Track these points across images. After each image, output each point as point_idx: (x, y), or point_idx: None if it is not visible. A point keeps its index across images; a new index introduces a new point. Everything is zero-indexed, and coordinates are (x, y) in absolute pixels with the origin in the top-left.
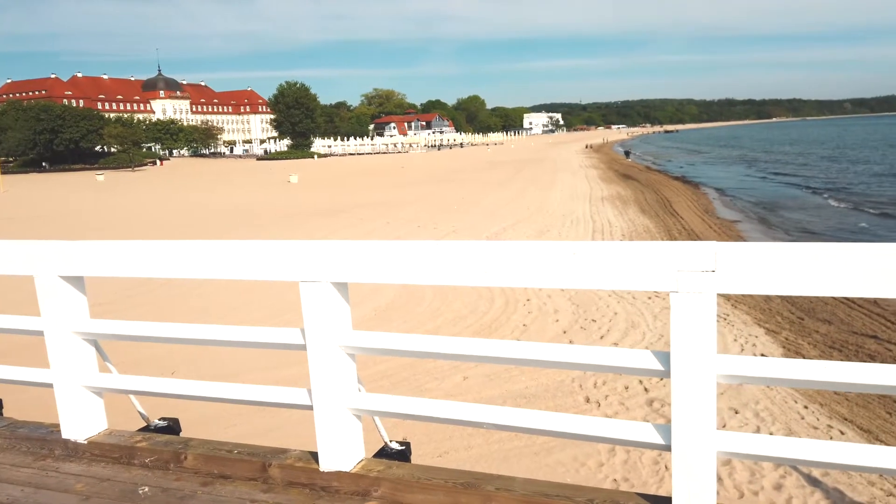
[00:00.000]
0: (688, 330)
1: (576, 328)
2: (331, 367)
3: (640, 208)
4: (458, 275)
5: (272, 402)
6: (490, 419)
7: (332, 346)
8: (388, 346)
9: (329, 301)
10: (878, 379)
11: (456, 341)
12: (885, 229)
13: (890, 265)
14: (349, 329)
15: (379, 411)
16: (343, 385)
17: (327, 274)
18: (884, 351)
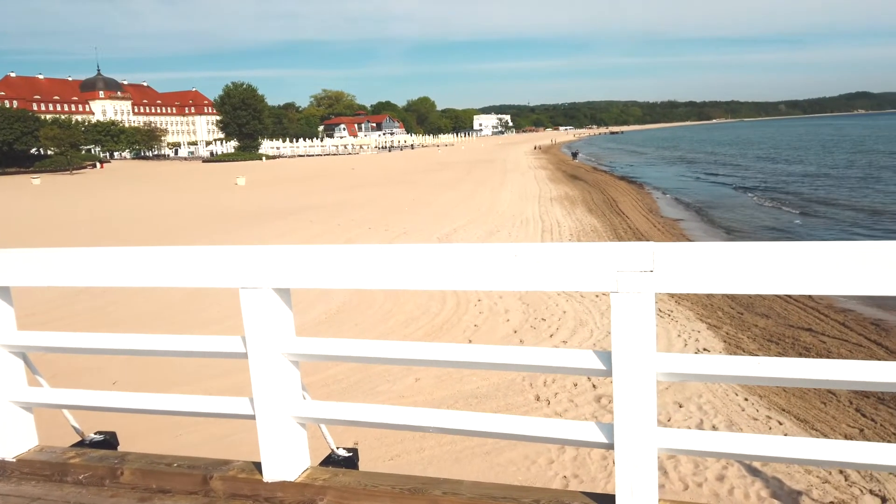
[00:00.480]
0: (628, 329)
1: (526, 327)
2: (273, 376)
3: (588, 208)
4: (401, 279)
5: (213, 413)
6: (436, 423)
7: (275, 354)
8: (331, 352)
9: (271, 308)
10: (809, 374)
11: (401, 346)
12: (815, 227)
13: (819, 263)
14: (292, 336)
15: (324, 419)
16: (286, 393)
17: (268, 280)
18: (818, 343)
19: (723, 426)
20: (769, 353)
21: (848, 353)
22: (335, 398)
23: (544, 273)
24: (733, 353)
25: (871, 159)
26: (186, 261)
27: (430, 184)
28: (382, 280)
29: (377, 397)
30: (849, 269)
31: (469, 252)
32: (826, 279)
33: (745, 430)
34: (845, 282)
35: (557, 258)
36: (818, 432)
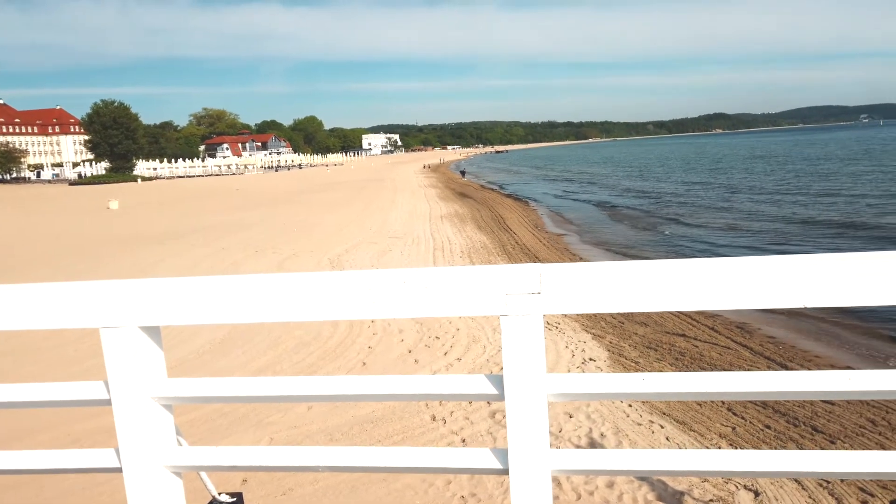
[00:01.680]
0: (518, 353)
1: (420, 347)
2: (142, 423)
3: (477, 225)
4: (283, 311)
5: (73, 468)
6: (326, 462)
7: (143, 399)
8: (207, 393)
9: (137, 348)
10: (688, 387)
11: (282, 382)
12: (681, 241)
13: (697, 279)
14: (163, 378)
15: (201, 465)
16: (158, 441)
17: (134, 317)
18: (691, 347)
19: (610, 433)
20: (649, 359)
21: (718, 355)
22: (220, 434)
23: (433, 299)
24: (617, 360)
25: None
26: (38, 300)
27: (319, 204)
28: (264, 313)
29: (267, 429)
30: (722, 285)
31: (356, 280)
32: (705, 295)
33: (631, 435)
34: (721, 297)
35: (446, 283)
36: (695, 432)
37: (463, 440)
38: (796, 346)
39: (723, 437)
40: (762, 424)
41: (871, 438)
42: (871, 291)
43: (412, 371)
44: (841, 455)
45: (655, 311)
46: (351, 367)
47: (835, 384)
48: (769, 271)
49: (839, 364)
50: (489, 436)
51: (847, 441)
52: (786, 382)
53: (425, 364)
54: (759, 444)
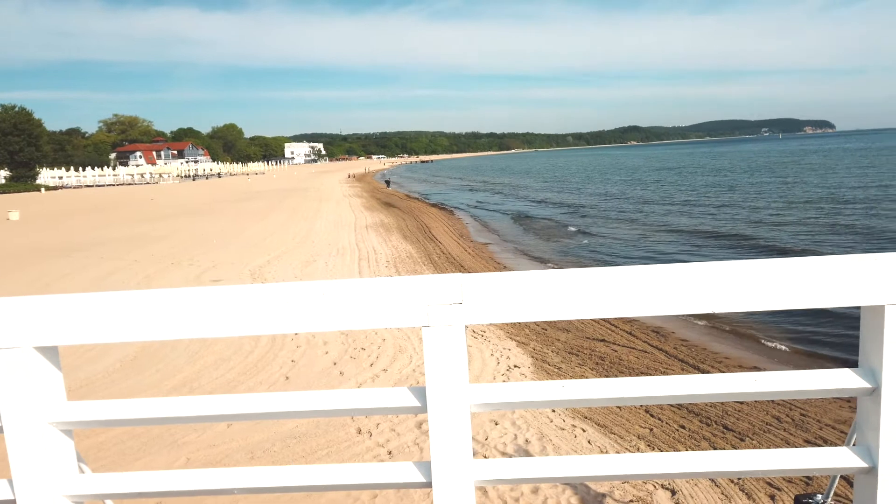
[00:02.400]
0: (441, 364)
1: (346, 358)
2: (38, 450)
3: (403, 235)
4: (197, 326)
5: None
6: (243, 484)
7: (39, 424)
8: (111, 416)
9: (32, 370)
10: (604, 393)
11: (196, 401)
12: (607, 249)
13: (616, 287)
14: (62, 401)
15: (105, 494)
16: (56, 469)
17: (28, 337)
18: (611, 352)
19: (535, 439)
20: (571, 365)
21: (636, 359)
22: (130, 458)
23: (355, 311)
24: (540, 366)
25: (642, 186)
26: None
27: (240, 214)
28: (174, 330)
29: (183, 450)
30: (637, 293)
31: (274, 293)
32: (622, 302)
33: (554, 440)
34: (637, 304)
35: (367, 294)
36: (616, 435)
37: (389, 452)
38: (707, 348)
39: (641, 439)
40: (677, 425)
41: (777, 435)
42: (774, 296)
43: (337, 384)
44: (750, 454)
45: (575, 318)
46: (273, 381)
47: (743, 386)
48: (681, 278)
49: (747, 365)
50: (416, 447)
51: (755, 438)
52: (698, 385)
53: (350, 376)
54: (675, 443)
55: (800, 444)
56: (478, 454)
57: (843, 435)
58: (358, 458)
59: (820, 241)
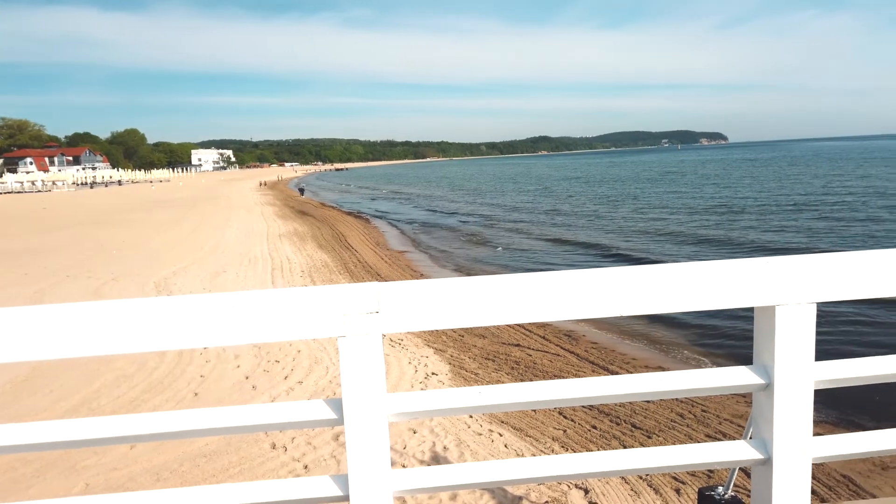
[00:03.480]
0: (357, 374)
1: (259, 372)
2: None
3: (318, 244)
4: (94, 343)
5: None
6: None
7: None
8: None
9: None
10: (519, 398)
11: (94, 423)
12: (520, 256)
13: (524, 293)
14: None
15: None
16: None
17: None
18: (525, 356)
19: (452, 445)
20: (487, 370)
21: (549, 362)
22: (23, 485)
23: (267, 323)
24: (458, 373)
25: (554, 194)
26: None
27: (143, 223)
28: (68, 348)
29: (82, 475)
30: (550, 298)
31: (180, 305)
32: (536, 308)
33: (472, 445)
34: (550, 310)
35: (280, 305)
36: (531, 437)
37: (305, 467)
38: (616, 350)
39: (555, 440)
40: (589, 425)
41: (681, 430)
42: (675, 299)
43: (250, 399)
44: (656, 452)
45: (491, 324)
46: (181, 398)
47: (649, 386)
48: (588, 283)
49: (652, 365)
50: (333, 459)
51: (661, 434)
52: (608, 387)
53: (264, 390)
54: (588, 443)
55: (702, 438)
56: (396, 464)
57: (740, 428)
58: (272, 475)
59: (717, 246)
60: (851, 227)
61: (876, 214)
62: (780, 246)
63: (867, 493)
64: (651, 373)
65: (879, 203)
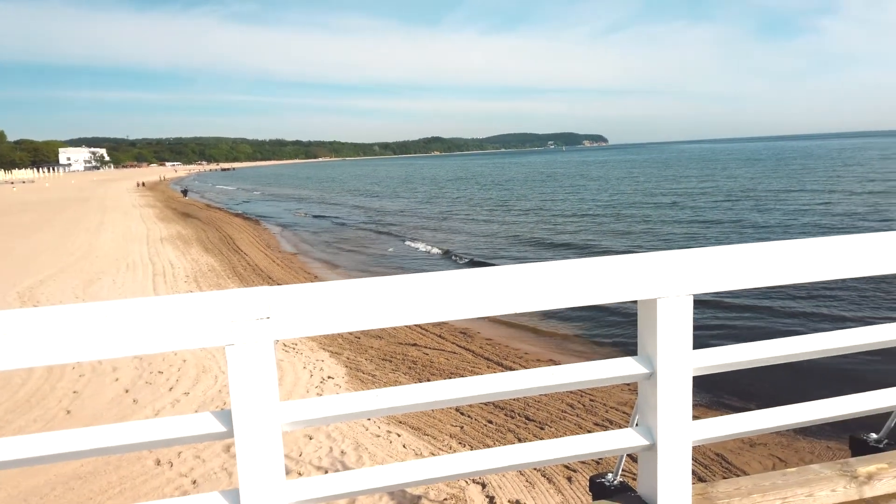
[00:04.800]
0: (248, 384)
1: (140, 384)
2: None
3: (204, 247)
4: None
5: None
6: None
7: None
8: None
9: None
10: (416, 398)
11: None
12: (414, 256)
13: (419, 294)
14: None
15: None
16: None
17: None
18: (422, 355)
19: (350, 449)
20: (385, 371)
21: (445, 360)
22: None
23: (147, 333)
24: (355, 375)
25: (445, 195)
26: None
27: (3, 227)
28: None
29: None
30: (445, 298)
31: (47, 317)
32: (431, 308)
33: (370, 448)
34: (445, 309)
35: (161, 314)
36: (429, 436)
37: (194, 482)
38: (510, 345)
39: (453, 437)
40: (485, 420)
41: (572, 420)
42: (562, 295)
43: (130, 414)
44: (549, 444)
45: (387, 326)
46: (51, 417)
47: (542, 380)
48: (479, 282)
49: (544, 359)
50: (224, 472)
51: (553, 425)
52: (502, 383)
53: (146, 404)
54: (485, 438)
55: (590, 426)
56: (291, 472)
57: (625, 415)
58: (157, 494)
59: (603, 242)
60: (723, 224)
61: (743, 211)
62: (660, 241)
63: (738, 469)
64: (543, 368)
65: (748, 202)
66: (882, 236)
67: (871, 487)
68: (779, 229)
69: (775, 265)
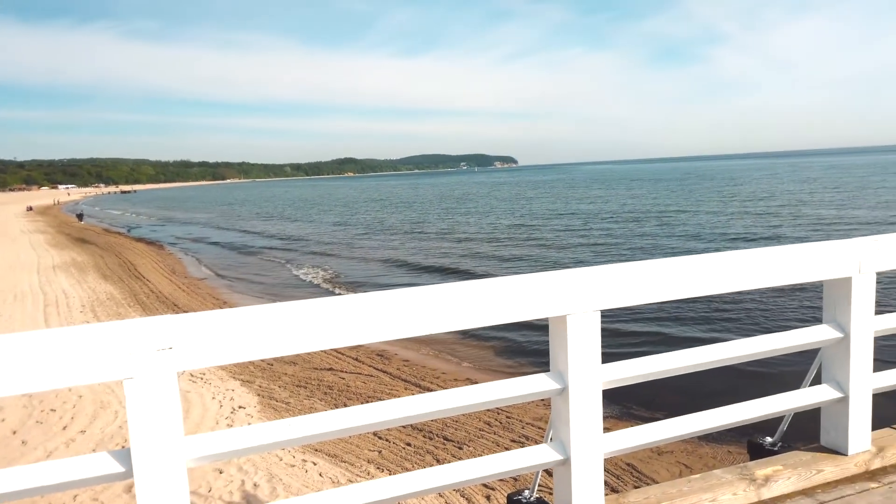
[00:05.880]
0: (149, 420)
1: (30, 424)
2: None
3: (102, 274)
4: None
5: None
6: None
7: None
8: None
9: None
10: (331, 426)
11: None
12: (325, 279)
13: (330, 317)
14: None
15: None
16: None
17: None
18: (339, 380)
19: (263, 481)
20: (299, 398)
21: (363, 384)
22: None
23: (35, 369)
24: (268, 404)
25: (356, 217)
26: None
27: None
28: None
29: None
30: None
31: None
32: (346, 331)
33: (285, 478)
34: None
35: (50, 348)
36: (347, 463)
37: None
38: (427, 366)
39: (371, 462)
40: (404, 443)
41: (489, 438)
42: (475, 315)
43: (18, 458)
44: (466, 465)
45: (300, 352)
46: None
47: (459, 400)
48: (392, 304)
49: (461, 378)
50: None
51: (472, 444)
52: (420, 405)
53: (37, 445)
54: (403, 461)
55: (508, 443)
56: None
57: (541, 430)
58: None
59: (515, 262)
60: (631, 241)
61: (649, 229)
62: (569, 259)
63: (648, 478)
64: (456, 388)
65: (652, 220)
66: (775, 251)
67: (769, 489)
68: (682, 244)
69: (677, 280)
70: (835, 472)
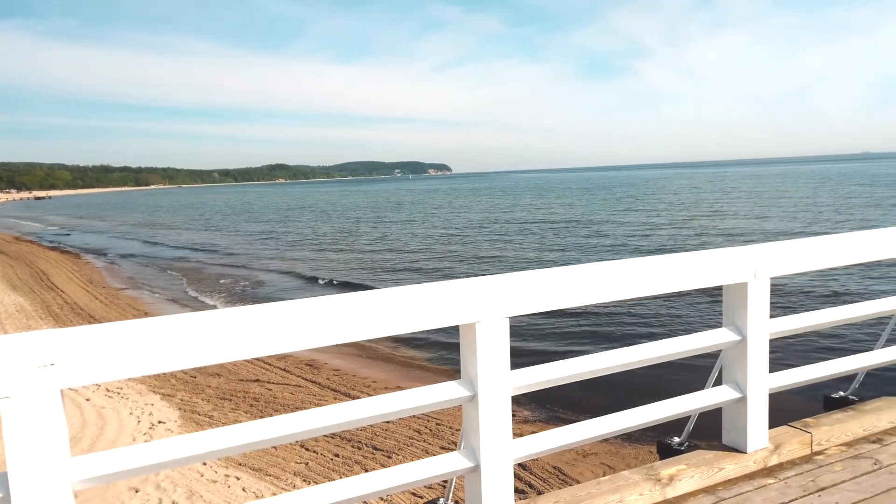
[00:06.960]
0: (29, 441)
1: None
2: None
3: (11, 285)
4: None
5: None
6: None
7: None
8: None
9: None
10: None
11: None
12: (251, 287)
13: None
14: None
15: None
16: None
17: None
18: (266, 392)
19: (183, 499)
20: (223, 411)
21: (290, 395)
22: None
23: None
24: (190, 418)
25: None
26: None
27: None
28: None
29: None
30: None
31: None
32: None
33: (206, 495)
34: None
35: None
36: (272, 476)
37: None
38: (357, 374)
39: (297, 475)
40: (332, 454)
41: (419, 446)
42: (389, 324)
43: None
44: (385, 473)
45: (195, 366)
46: None
47: (384, 407)
48: (311, 312)
49: (391, 385)
50: None
51: (401, 452)
52: (346, 413)
53: None
54: (331, 473)
55: (437, 451)
56: None
57: None
58: None
59: (439, 268)
60: (555, 250)
61: (573, 236)
62: (496, 266)
63: (574, 479)
64: (369, 397)
65: (580, 227)
66: (677, 257)
67: (673, 488)
68: (603, 251)
69: (584, 286)
70: (735, 469)
